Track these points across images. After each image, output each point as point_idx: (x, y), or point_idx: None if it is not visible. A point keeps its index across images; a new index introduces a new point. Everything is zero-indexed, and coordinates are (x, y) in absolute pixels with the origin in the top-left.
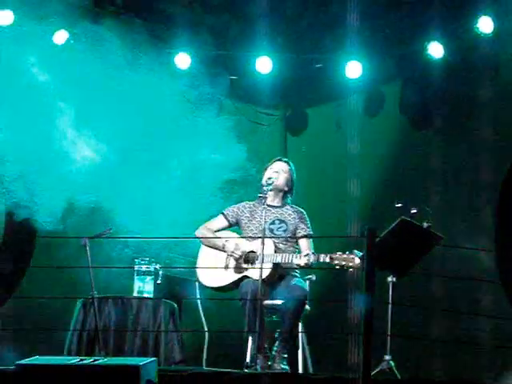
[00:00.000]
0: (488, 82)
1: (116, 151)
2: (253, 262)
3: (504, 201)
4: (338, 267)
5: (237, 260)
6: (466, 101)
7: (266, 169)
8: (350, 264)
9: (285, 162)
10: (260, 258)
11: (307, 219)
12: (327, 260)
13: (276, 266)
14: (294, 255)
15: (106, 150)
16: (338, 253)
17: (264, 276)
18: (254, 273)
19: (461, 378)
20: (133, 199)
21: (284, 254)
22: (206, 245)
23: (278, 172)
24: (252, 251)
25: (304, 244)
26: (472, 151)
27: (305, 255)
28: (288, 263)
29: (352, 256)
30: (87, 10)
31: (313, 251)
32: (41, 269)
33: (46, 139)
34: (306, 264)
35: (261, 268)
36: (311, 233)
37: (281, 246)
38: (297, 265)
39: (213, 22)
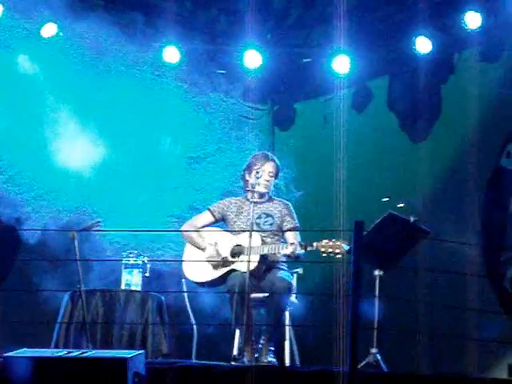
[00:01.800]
0: (475, 77)
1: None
2: (239, 255)
3: (490, 195)
4: (324, 255)
5: (222, 258)
6: (454, 95)
7: (254, 164)
8: (337, 251)
9: (276, 163)
10: (246, 251)
11: (293, 211)
12: (314, 248)
13: (263, 257)
14: (281, 245)
15: (101, 152)
16: (324, 240)
17: (251, 268)
18: (241, 266)
19: (447, 371)
20: (126, 210)
21: (270, 245)
22: (188, 242)
23: (272, 177)
24: (238, 245)
25: (290, 236)
26: (460, 146)
27: (291, 244)
28: (275, 254)
29: (339, 243)
30: (76, 3)
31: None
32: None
33: (36, 139)
34: (292, 253)
35: (248, 261)
36: (298, 225)
37: (268, 240)
38: (284, 255)
39: (201, 16)
